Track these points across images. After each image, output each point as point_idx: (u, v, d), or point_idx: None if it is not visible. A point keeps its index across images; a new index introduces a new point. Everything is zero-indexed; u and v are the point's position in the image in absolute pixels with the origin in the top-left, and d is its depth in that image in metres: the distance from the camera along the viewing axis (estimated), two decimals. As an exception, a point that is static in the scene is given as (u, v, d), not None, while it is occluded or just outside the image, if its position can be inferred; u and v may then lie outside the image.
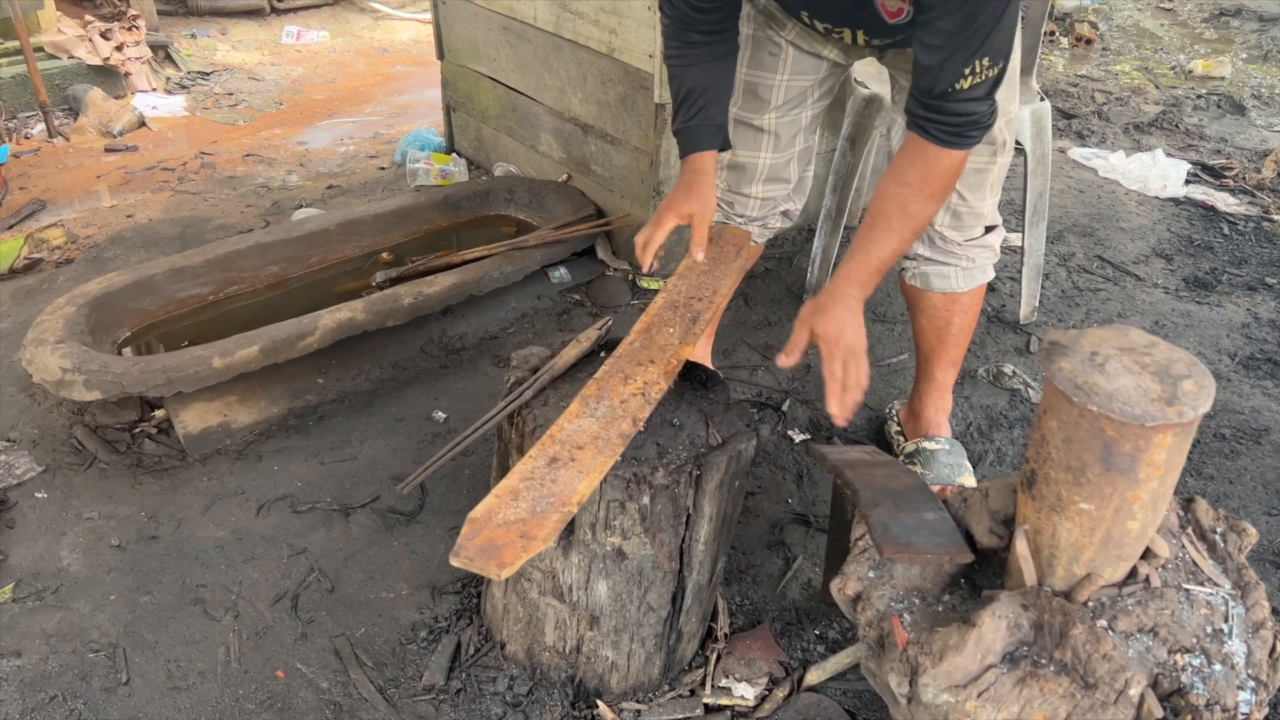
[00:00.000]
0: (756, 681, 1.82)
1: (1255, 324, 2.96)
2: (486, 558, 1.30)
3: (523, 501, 1.38)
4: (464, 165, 3.69)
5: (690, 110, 1.81)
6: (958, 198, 1.98)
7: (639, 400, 1.57)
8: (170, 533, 2.09)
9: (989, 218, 2.04)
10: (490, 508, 1.37)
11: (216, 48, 5.38)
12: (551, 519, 1.35)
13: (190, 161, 3.96)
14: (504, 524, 1.35)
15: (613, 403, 1.55)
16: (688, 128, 1.83)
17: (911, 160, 1.64)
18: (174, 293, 2.67)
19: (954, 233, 2.02)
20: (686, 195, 1.82)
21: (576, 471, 1.43)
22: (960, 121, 1.58)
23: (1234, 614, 1.26)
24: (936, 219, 2.00)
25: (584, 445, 1.47)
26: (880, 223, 1.67)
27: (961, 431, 2.45)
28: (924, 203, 1.65)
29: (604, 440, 1.48)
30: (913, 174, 1.63)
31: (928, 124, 1.59)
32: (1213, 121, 4.72)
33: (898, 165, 1.67)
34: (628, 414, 1.54)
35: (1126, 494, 1.15)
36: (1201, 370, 1.16)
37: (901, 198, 1.65)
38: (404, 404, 2.50)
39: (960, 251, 2.04)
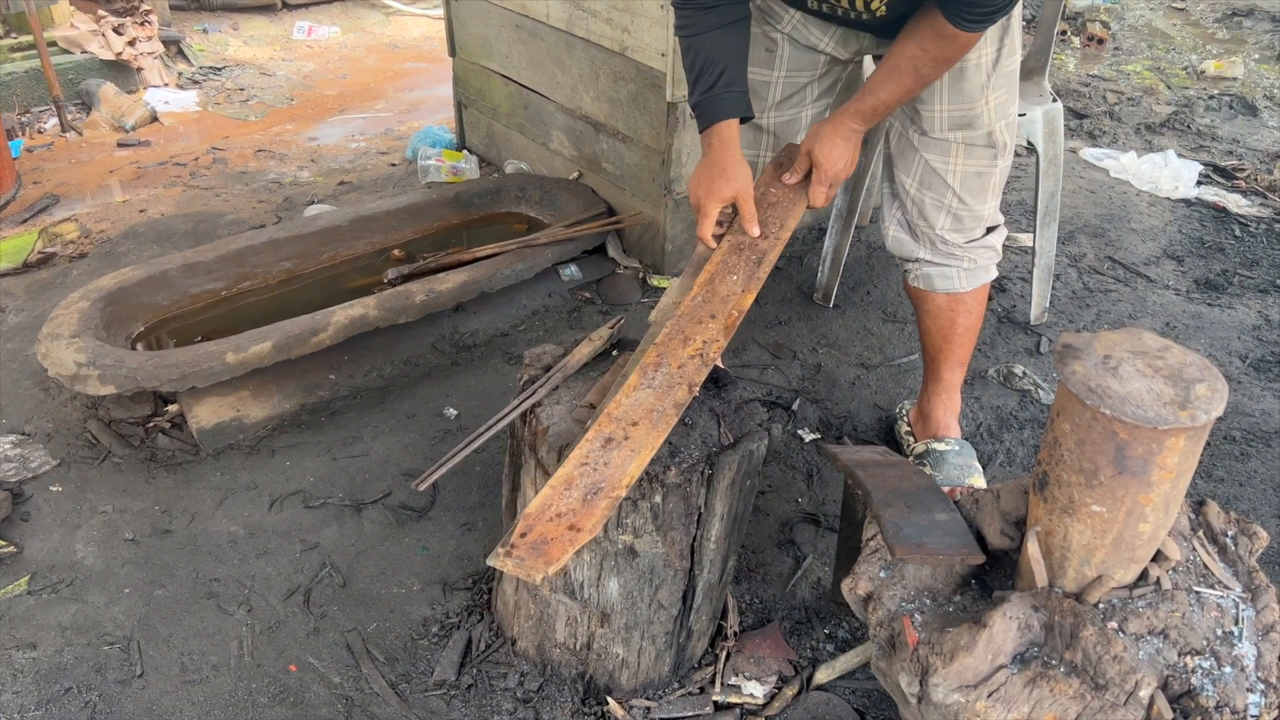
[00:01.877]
0: (766, 680, 1.82)
1: (1266, 326, 2.95)
2: (535, 555, 1.28)
3: (575, 490, 1.37)
4: (475, 162, 3.70)
5: (709, 79, 1.77)
6: (958, 201, 1.99)
7: (696, 363, 1.56)
8: (184, 527, 2.11)
9: (990, 219, 2.05)
10: (545, 500, 1.35)
11: (228, 43, 5.39)
12: (600, 506, 1.34)
13: (202, 157, 3.98)
14: (556, 516, 1.33)
15: (670, 369, 1.55)
16: (708, 97, 1.78)
17: (933, 33, 1.69)
18: (187, 288, 2.68)
19: (955, 235, 2.03)
20: (722, 175, 1.77)
21: (629, 451, 1.42)
22: (986, 11, 1.62)
23: (1244, 617, 1.26)
24: (938, 223, 2.02)
25: (639, 421, 1.47)
26: (893, 75, 1.77)
27: (972, 432, 2.45)
28: (935, 67, 1.76)
29: (658, 413, 1.48)
30: (931, 44, 1.71)
31: (955, 11, 1.63)
32: (1225, 122, 4.71)
33: (917, 32, 1.72)
34: (684, 380, 1.53)
35: (1139, 497, 1.16)
36: (1214, 374, 1.16)
37: (916, 60, 1.74)
38: (415, 400, 2.51)
39: (962, 253, 2.05)
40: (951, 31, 1.66)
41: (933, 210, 2.02)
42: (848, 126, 1.83)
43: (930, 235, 2.05)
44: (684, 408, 1.50)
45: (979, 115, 1.91)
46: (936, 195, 2.00)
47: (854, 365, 2.71)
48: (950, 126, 1.93)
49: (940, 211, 2.01)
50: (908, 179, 2.02)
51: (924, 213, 2.03)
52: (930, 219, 2.03)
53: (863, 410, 2.54)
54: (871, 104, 1.81)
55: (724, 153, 1.77)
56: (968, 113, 1.91)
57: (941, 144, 1.95)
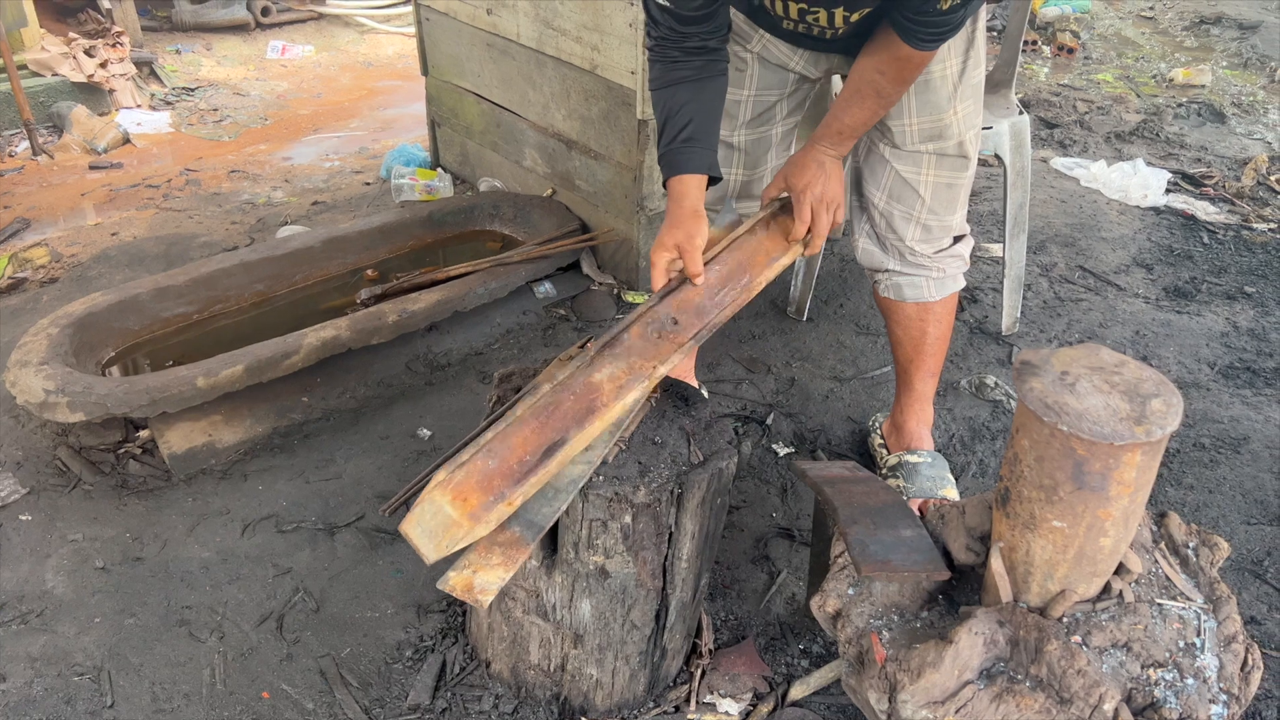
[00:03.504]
0: (741, 697, 1.83)
1: (1234, 333, 2.99)
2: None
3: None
4: (449, 180, 3.70)
5: (671, 132, 1.77)
6: (929, 212, 2.00)
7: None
8: (155, 554, 2.09)
9: (957, 228, 2.08)
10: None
11: (201, 63, 5.38)
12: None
13: (175, 178, 3.96)
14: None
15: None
16: (670, 150, 1.78)
17: (889, 55, 1.73)
18: (158, 312, 2.67)
19: (924, 245, 2.05)
20: (670, 227, 1.75)
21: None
22: (942, 30, 1.65)
23: (1206, 628, 1.27)
24: (907, 234, 2.04)
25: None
26: (855, 99, 1.82)
27: (944, 443, 2.46)
28: (896, 87, 1.79)
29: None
30: (889, 66, 1.75)
31: (909, 32, 1.66)
32: (1193, 130, 4.77)
33: (875, 55, 1.75)
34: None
35: (1098, 511, 1.17)
36: (1170, 389, 1.17)
37: (876, 84, 1.78)
38: (389, 421, 2.51)
39: (930, 263, 2.07)
40: (907, 53, 1.69)
41: (901, 222, 2.04)
42: (819, 151, 1.86)
43: (899, 246, 2.06)
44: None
45: (948, 126, 1.93)
46: (906, 207, 2.02)
47: (827, 378, 2.73)
48: (922, 139, 1.95)
49: (909, 223, 2.03)
50: (877, 192, 2.04)
51: (893, 225, 2.05)
52: (899, 231, 2.04)
53: (836, 424, 2.55)
54: (838, 128, 1.85)
55: (676, 206, 1.76)
56: (938, 124, 1.93)
57: (913, 156, 1.97)
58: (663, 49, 1.77)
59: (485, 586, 1.38)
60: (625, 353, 1.56)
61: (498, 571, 1.39)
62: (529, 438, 1.40)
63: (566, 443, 1.42)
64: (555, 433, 1.42)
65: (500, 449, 1.38)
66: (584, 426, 1.44)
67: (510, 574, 1.39)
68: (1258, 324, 3.03)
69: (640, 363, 1.55)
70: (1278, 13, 6.67)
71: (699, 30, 1.74)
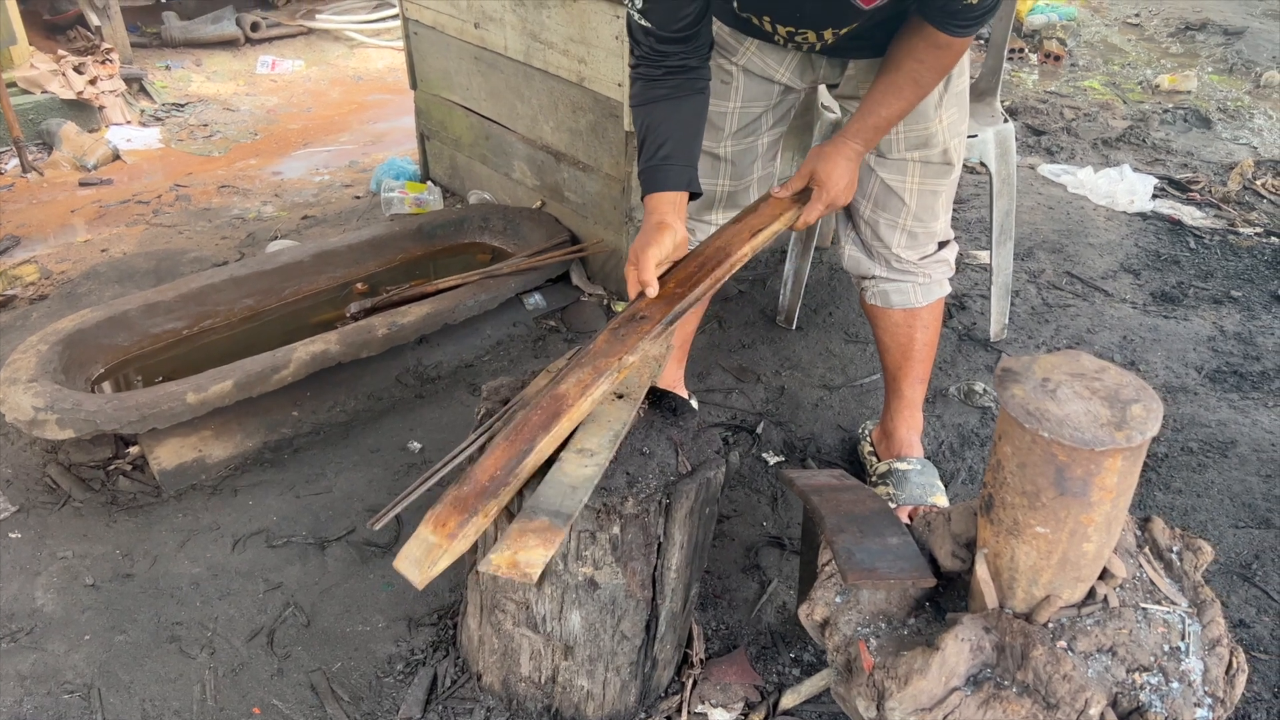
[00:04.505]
0: (732, 707, 1.83)
1: (1221, 337, 3.00)
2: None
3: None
4: (439, 193, 3.71)
5: (650, 150, 1.77)
6: (914, 219, 2.02)
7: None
8: (145, 570, 2.09)
9: (942, 234, 2.09)
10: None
11: (191, 79, 5.39)
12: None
13: (165, 194, 3.97)
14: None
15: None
16: (648, 168, 1.78)
17: (926, 44, 1.72)
18: (148, 328, 2.67)
19: (910, 252, 2.06)
20: (641, 241, 1.73)
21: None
22: (976, 16, 1.65)
23: (1190, 632, 1.28)
24: (893, 241, 2.05)
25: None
26: (892, 90, 1.79)
27: (934, 450, 2.47)
28: (934, 76, 1.78)
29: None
30: (928, 55, 1.73)
31: (942, 22, 1.67)
32: (1179, 135, 4.80)
33: (910, 44, 1.74)
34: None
35: (1080, 517, 1.17)
36: (1150, 394, 1.18)
37: (915, 72, 1.76)
38: (379, 435, 2.51)
39: (916, 269, 2.09)
40: (945, 40, 1.70)
41: (887, 229, 2.05)
42: (850, 147, 1.86)
43: (885, 254, 2.08)
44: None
45: (934, 134, 1.95)
46: (892, 215, 2.03)
47: (817, 387, 2.74)
48: (907, 147, 1.97)
49: (895, 230, 2.05)
50: (862, 200, 2.06)
51: (878, 232, 2.06)
52: (885, 238, 2.06)
53: (826, 432, 2.56)
54: (874, 122, 1.83)
55: (647, 220, 1.75)
56: (923, 132, 1.95)
57: (899, 164, 1.99)
58: (644, 68, 1.78)
59: (530, 562, 1.39)
60: (591, 357, 1.57)
61: (538, 551, 1.40)
62: (498, 458, 1.43)
63: (533, 449, 1.44)
64: (523, 444, 1.45)
65: (473, 473, 1.41)
66: (550, 429, 1.46)
67: (550, 553, 1.40)
68: (1244, 328, 3.05)
69: (605, 361, 1.56)
70: (1262, 18, 6.73)
71: (679, 50, 1.74)
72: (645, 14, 1.69)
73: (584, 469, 1.54)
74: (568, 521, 1.45)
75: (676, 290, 1.70)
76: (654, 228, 1.71)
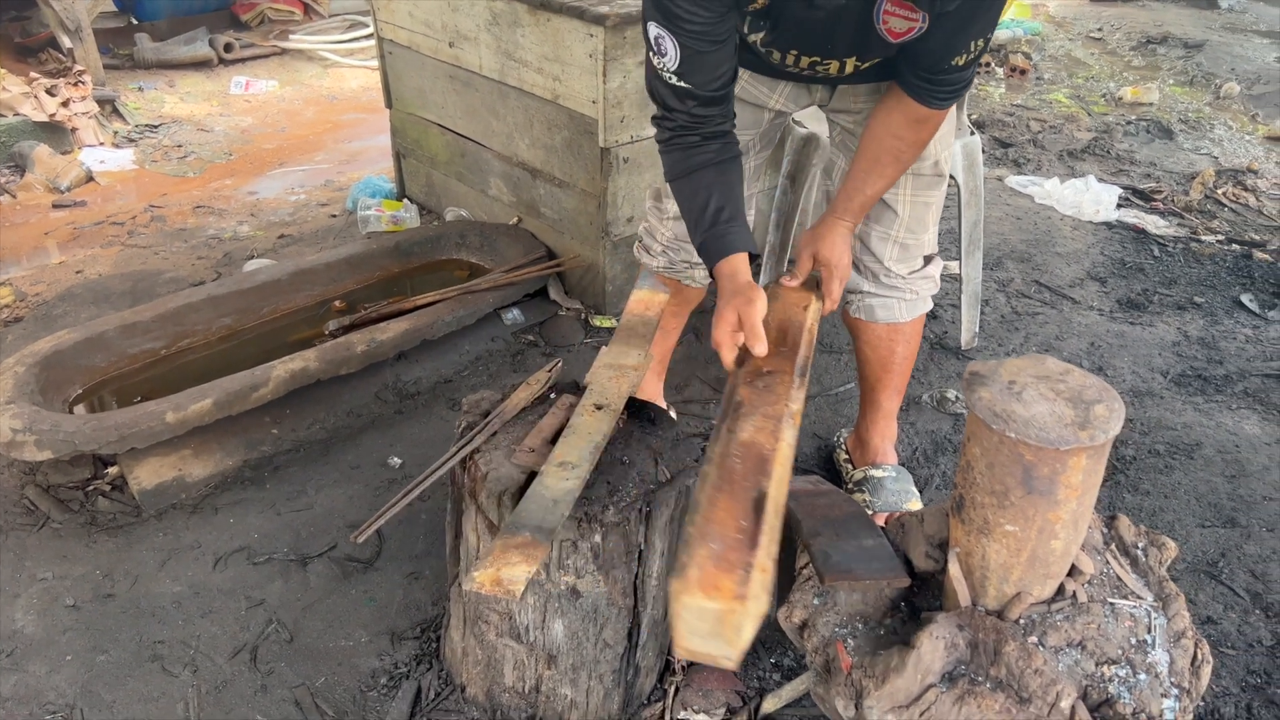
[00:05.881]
0: (714, 712, 1.85)
1: (1185, 342, 3.07)
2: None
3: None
4: (415, 211, 3.73)
5: (709, 217, 1.72)
6: (906, 231, 2.04)
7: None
8: (126, 590, 2.09)
9: (929, 247, 2.11)
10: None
11: (164, 100, 5.38)
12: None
13: (140, 215, 3.96)
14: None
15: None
16: (712, 234, 1.72)
17: (905, 119, 1.76)
18: (125, 349, 2.67)
19: (900, 265, 2.08)
20: (726, 300, 1.66)
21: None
22: (957, 88, 1.71)
23: (1156, 625, 1.32)
24: (884, 254, 2.06)
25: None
26: (875, 169, 1.84)
27: (908, 456, 2.51)
28: (914, 150, 1.83)
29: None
30: (907, 131, 1.78)
31: (925, 93, 1.71)
32: (1142, 146, 4.90)
33: (889, 120, 1.78)
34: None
35: (1048, 515, 1.21)
36: (1112, 394, 1.22)
37: (896, 149, 1.81)
38: (359, 451, 2.52)
39: (904, 285, 2.10)
40: (925, 113, 1.73)
41: (879, 242, 2.06)
42: (842, 226, 1.89)
43: (875, 268, 2.08)
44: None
45: (926, 146, 1.96)
46: (885, 227, 2.05)
47: (793, 397, 2.77)
48: None
49: (887, 243, 2.05)
50: None
51: (869, 245, 2.07)
52: (876, 251, 2.07)
53: (802, 439, 2.59)
54: (860, 200, 1.87)
55: (730, 282, 1.68)
56: None
57: None
58: (679, 137, 1.74)
59: (514, 579, 1.39)
60: (750, 410, 1.46)
61: (521, 568, 1.41)
62: (729, 508, 1.29)
63: (766, 494, 1.29)
64: (749, 490, 1.31)
65: (710, 531, 1.26)
66: (769, 474, 1.33)
67: (533, 569, 1.40)
68: (1207, 333, 3.12)
69: (770, 408, 1.46)
70: (1221, 32, 6.89)
71: (716, 113, 1.72)
72: (684, 76, 1.63)
73: (565, 482, 1.56)
74: (550, 536, 1.47)
75: (782, 350, 1.63)
76: (746, 287, 1.65)
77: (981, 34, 1.61)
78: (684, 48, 1.59)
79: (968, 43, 1.61)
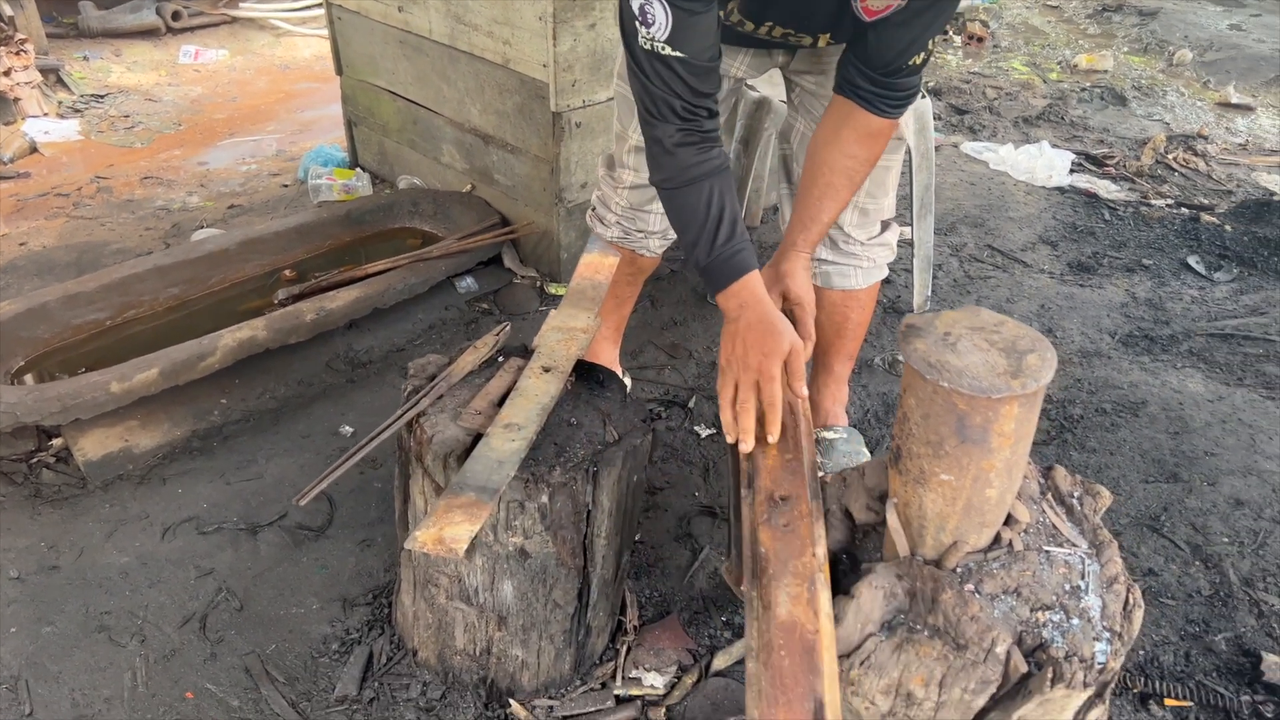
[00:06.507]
0: (666, 670, 1.87)
1: (1133, 303, 3.12)
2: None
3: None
4: (368, 179, 3.69)
5: (723, 235, 1.62)
6: (866, 195, 2.03)
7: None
8: (71, 562, 2.06)
9: (887, 212, 2.10)
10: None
11: (110, 70, 5.26)
12: None
13: (86, 186, 3.88)
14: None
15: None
16: (721, 255, 1.62)
17: (855, 133, 1.72)
18: (69, 319, 2.62)
19: (860, 231, 2.07)
20: (773, 331, 1.58)
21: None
22: (908, 93, 1.69)
23: (1090, 571, 1.34)
24: (845, 219, 2.05)
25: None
26: (829, 192, 1.78)
27: (859, 419, 2.54)
28: (867, 168, 1.79)
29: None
30: (858, 146, 1.74)
31: (877, 99, 1.68)
32: (1096, 113, 4.94)
33: (838, 139, 1.74)
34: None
35: (982, 463, 1.23)
36: (1045, 344, 1.24)
37: (848, 169, 1.76)
38: (310, 420, 2.50)
39: (862, 252, 2.10)
40: (877, 125, 1.70)
41: None
42: (803, 259, 1.81)
43: (834, 234, 2.06)
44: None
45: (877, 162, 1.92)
46: None
47: (747, 361, 2.78)
48: None
49: (849, 208, 2.03)
50: None
51: None
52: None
53: (756, 404, 2.60)
54: (817, 229, 1.81)
55: (764, 307, 1.61)
56: None
57: None
58: (685, 134, 1.61)
59: (456, 538, 1.39)
60: (780, 566, 1.36)
61: (464, 527, 1.41)
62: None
63: (824, 702, 1.20)
64: (803, 699, 1.21)
65: None
66: (819, 670, 1.23)
67: (477, 528, 1.40)
68: (1155, 294, 3.17)
69: (799, 563, 1.36)
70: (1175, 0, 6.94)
71: (710, 92, 1.60)
72: (676, 43, 1.50)
73: (510, 443, 1.56)
74: (494, 496, 1.47)
75: (788, 459, 1.54)
76: (781, 318, 1.61)
77: (938, 31, 1.61)
78: (675, 9, 1.46)
79: (926, 39, 1.60)
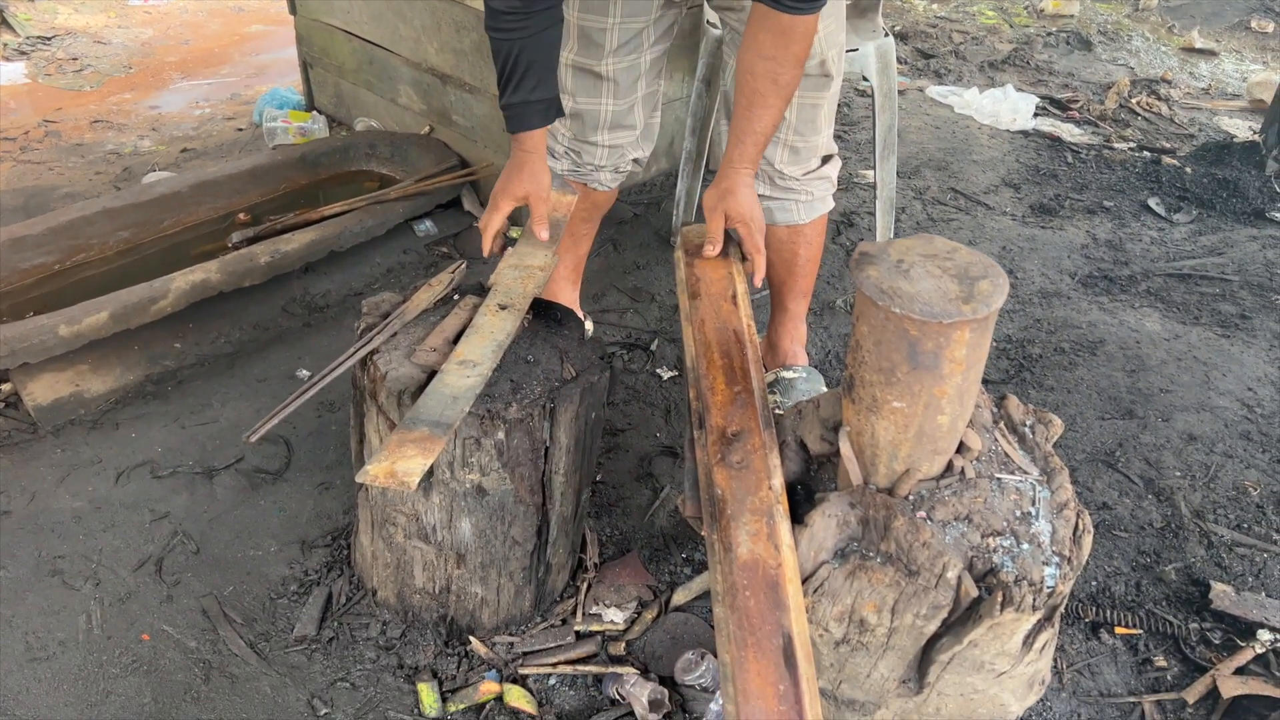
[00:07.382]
0: (626, 606, 1.88)
1: (1093, 245, 3.13)
2: None
3: None
4: (324, 122, 3.61)
5: (523, 85, 1.72)
6: (794, 134, 2.02)
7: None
8: (23, 506, 2.03)
9: (824, 148, 2.09)
10: None
11: (58, 10, 5.09)
12: None
13: (33, 130, 3.77)
14: None
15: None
16: (520, 102, 1.75)
17: (770, 34, 1.70)
18: (16, 264, 2.56)
19: (792, 168, 2.06)
20: (519, 175, 1.82)
21: None
22: None
23: (1040, 498, 1.36)
24: (775, 156, 2.04)
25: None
26: (757, 100, 1.76)
27: (821, 359, 2.54)
28: (791, 70, 1.74)
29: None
30: (774, 47, 1.71)
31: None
32: (1061, 58, 4.93)
33: (755, 43, 1.72)
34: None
35: (933, 390, 1.23)
36: (997, 270, 1.23)
37: (771, 72, 1.73)
38: (266, 364, 2.46)
39: (799, 186, 2.09)
40: (787, 23, 1.67)
41: (769, 145, 2.04)
42: (743, 174, 1.81)
43: (768, 170, 2.07)
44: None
45: (803, 62, 1.93)
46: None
47: (710, 303, 2.77)
48: None
49: (777, 145, 2.03)
50: None
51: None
52: (768, 154, 2.05)
53: (718, 346, 2.60)
54: (752, 141, 1.79)
55: (527, 159, 1.81)
56: None
57: None
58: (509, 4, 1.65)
59: (409, 471, 1.38)
60: (738, 506, 1.38)
61: (417, 460, 1.39)
62: (760, 670, 1.23)
63: (792, 637, 1.24)
64: (772, 635, 1.24)
65: (752, 710, 1.20)
66: (785, 604, 1.26)
67: (429, 461, 1.39)
68: (1115, 235, 3.19)
69: (756, 499, 1.38)
70: (1142, -56, 6.90)
71: None
72: None
73: (465, 379, 1.55)
74: (448, 431, 1.45)
75: (737, 391, 1.56)
76: (539, 166, 1.81)
77: None
78: None
79: None
